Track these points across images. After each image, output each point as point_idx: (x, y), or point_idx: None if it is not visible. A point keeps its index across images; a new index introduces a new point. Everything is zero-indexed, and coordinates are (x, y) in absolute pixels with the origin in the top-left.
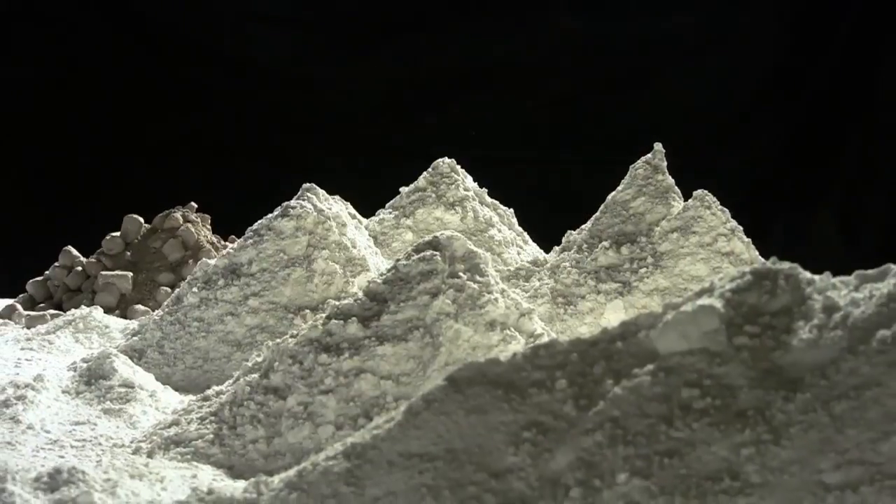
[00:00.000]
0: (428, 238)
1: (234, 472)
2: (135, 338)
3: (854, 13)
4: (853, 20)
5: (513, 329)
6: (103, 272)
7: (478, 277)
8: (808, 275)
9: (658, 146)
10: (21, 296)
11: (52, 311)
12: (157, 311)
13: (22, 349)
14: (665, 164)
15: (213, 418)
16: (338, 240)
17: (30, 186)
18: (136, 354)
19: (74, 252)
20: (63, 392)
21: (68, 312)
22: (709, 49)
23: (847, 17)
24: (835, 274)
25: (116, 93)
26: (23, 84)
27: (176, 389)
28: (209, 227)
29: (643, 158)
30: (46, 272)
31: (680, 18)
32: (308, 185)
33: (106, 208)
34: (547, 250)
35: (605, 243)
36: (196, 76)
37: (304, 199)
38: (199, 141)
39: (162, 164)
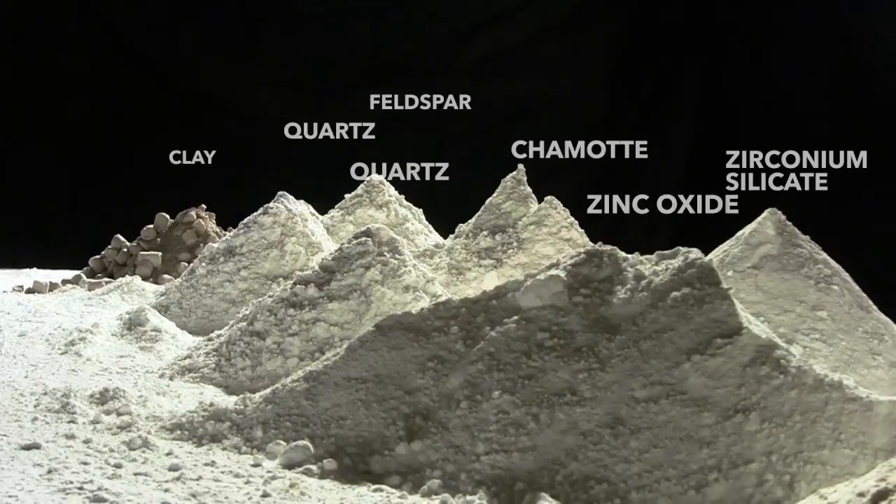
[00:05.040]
0: (363, 229)
1: (229, 391)
2: (162, 297)
3: (653, 72)
4: (654, 78)
5: (421, 291)
6: (142, 252)
7: (397, 256)
8: (623, 254)
9: (521, 167)
10: (85, 268)
11: (105, 279)
12: (177, 279)
13: (85, 305)
14: (525, 178)
15: (214, 353)
16: (302, 230)
17: (92, 194)
18: (163, 309)
19: (122, 238)
20: (112, 335)
21: (117, 280)
22: (562, 103)
23: (651, 74)
24: (641, 254)
25: (161, 135)
26: (97, 121)
27: (190, 333)
28: (214, 221)
29: (510, 175)
30: (103, 252)
31: (540, 84)
32: (281, 192)
33: (144, 208)
34: (445, 237)
35: (485, 233)
36: (218, 124)
37: (279, 202)
38: (208, 163)
39: (184, 179)
